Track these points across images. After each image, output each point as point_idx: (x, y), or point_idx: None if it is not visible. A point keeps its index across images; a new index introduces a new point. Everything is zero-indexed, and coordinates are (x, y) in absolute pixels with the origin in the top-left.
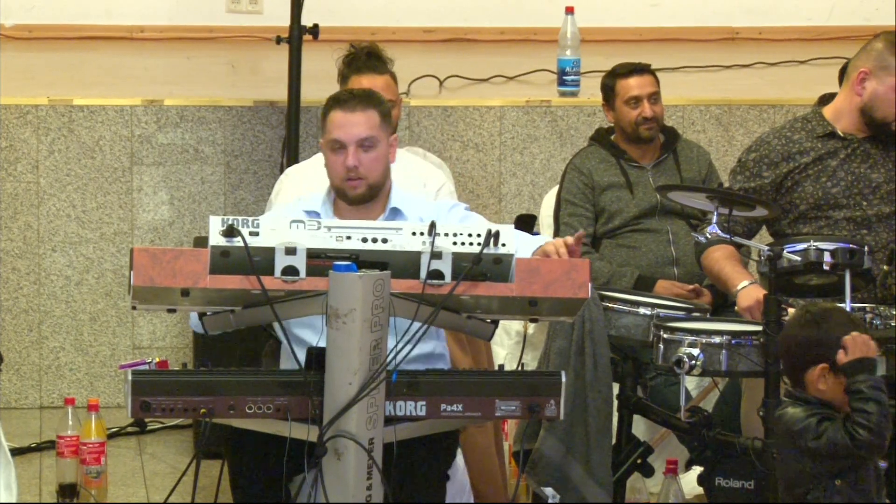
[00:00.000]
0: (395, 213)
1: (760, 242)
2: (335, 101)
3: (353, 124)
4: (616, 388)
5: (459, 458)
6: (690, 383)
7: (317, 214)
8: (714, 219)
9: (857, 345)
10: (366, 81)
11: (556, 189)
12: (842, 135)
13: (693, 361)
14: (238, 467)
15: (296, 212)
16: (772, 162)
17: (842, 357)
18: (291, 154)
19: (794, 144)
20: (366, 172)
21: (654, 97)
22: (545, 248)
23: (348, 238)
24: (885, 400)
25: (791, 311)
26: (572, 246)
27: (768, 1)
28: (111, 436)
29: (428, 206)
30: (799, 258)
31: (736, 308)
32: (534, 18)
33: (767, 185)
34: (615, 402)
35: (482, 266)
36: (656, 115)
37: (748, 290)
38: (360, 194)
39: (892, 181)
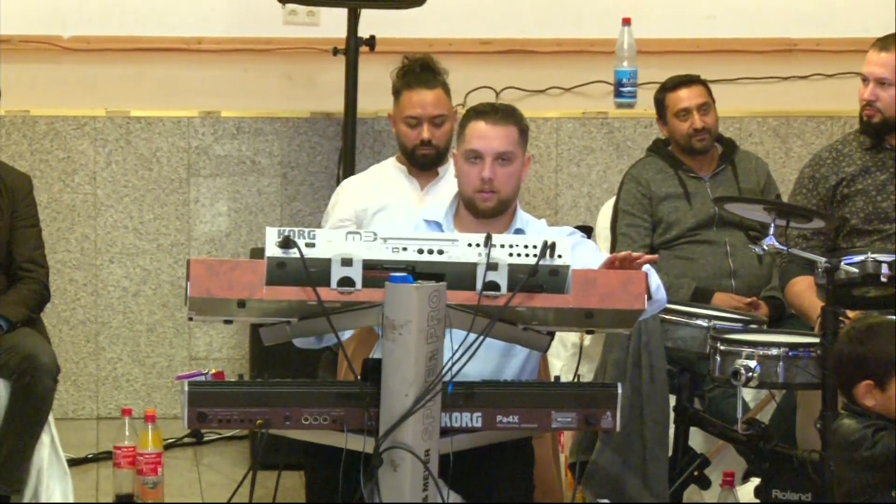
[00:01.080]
0: (518, 234)
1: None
2: (478, 113)
3: (494, 137)
4: (672, 400)
5: None
6: (747, 395)
7: (437, 225)
8: (771, 230)
9: None
10: (416, 97)
11: (612, 200)
12: (889, 146)
13: (750, 373)
14: (316, 480)
15: (416, 220)
16: (822, 176)
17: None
18: (348, 165)
19: (844, 157)
20: (499, 186)
21: (705, 108)
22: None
23: (404, 249)
24: None
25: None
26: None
27: (825, 12)
28: (168, 446)
29: (549, 230)
30: (856, 270)
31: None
32: (590, 30)
33: (825, 201)
34: (672, 414)
35: (538, 277)
36: (707, 125)
37: None
38: (490, 208)
39: None
